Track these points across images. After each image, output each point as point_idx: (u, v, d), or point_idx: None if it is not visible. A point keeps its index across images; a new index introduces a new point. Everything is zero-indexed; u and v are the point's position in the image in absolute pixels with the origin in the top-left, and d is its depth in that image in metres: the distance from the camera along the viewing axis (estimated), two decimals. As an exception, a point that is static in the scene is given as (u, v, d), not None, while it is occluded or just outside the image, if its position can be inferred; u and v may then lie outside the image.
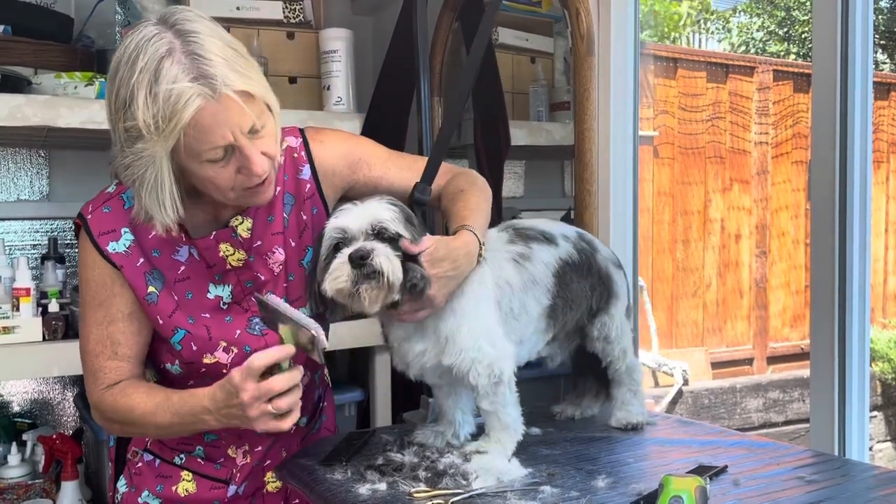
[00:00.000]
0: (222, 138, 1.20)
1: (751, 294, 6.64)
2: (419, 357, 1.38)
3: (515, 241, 1.49)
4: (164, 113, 1.16)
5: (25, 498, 2.26)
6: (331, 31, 2.53)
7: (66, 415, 2.64)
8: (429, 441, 1.48)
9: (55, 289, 2.27)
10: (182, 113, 1.16)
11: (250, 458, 1.50)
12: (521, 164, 2.99)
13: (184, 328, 1.38)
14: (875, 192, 6.60)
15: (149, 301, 1.37)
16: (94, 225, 1.36)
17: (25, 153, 2.57)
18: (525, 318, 1.45)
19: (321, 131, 1.53)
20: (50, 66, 2.26)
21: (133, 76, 1.18)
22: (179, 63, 1.17)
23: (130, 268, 1.36)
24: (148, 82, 1.17)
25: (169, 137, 1.18)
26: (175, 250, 1.38)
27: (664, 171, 6.33)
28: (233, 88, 1.18)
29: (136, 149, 1.20)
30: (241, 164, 1.24)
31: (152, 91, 1.16)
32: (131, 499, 1.50)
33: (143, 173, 1.22)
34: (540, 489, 1.24)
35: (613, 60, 2.11)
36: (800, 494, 1.21)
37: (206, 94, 1.17)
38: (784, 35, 9.33)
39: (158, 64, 1.17)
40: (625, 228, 2.16)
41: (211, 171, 1.24)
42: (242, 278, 1.41)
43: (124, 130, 1.21)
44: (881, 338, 6.06)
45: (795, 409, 5.96)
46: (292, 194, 1.46)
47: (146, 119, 1.17)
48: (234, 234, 1.39)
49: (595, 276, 1.56)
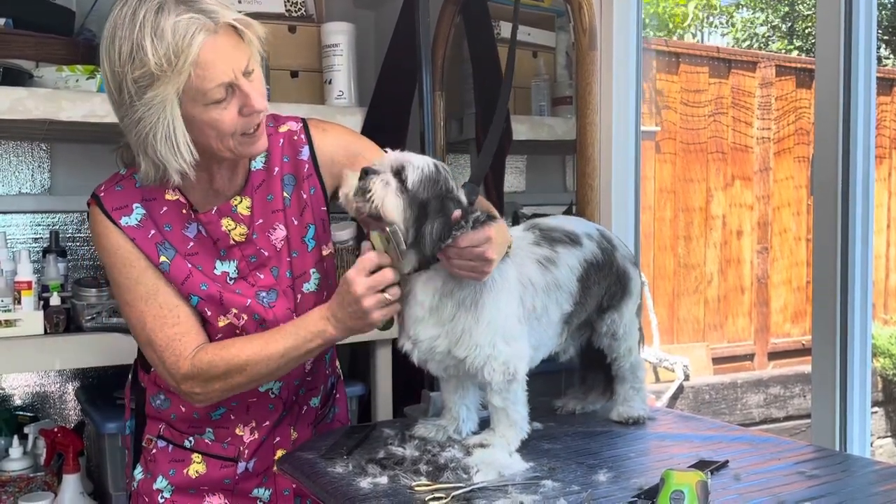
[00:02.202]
0: (224, 74, 1.27)
1: (752, 290, 6.64)
2: (430, 341, 1.37)
3: (541, 244, 1.48)
4: (174, 47, 1.23)
5: (27, 491, 2.27)
6: (332, 25, 2.52)
7: (68, 408, 2.64)
8: (430, 435, 1.48)
9: (57, 282, 2.27)
10: (191, 46, 1.24)
11: (257, 434, 1.53)
12: (523, 158, 2.98)
13: (197, 294, 1.42)
14: (876, 189, 6.57)
15: (162, 270, 1.41)
16: (108, 201, 1.41)
17: (27, 146, 2.56)
18: (546, 320, 1.45)
19: (324, 122, 1.59)
20: (51, 59, 2.26)
21: (135, 29, 1.25)
22: (175, 7, 1.25)
23: (142, 239, 1.41)
24: (151, 28, 1.24)
25: (180, 73, 1.24)
26: (185, 226, 1.43)
27: (666, 168, 6.32)
28: (231, 17, 1.28)
29: (146, 98, 1.25)
30: (242, 104, 1.31)
31: (157, 33, 1.23)
32: (146, 485, 1.54)
33: (155, 122, 1.27)
34: (541, 483, 1.24)
35: (616, 55, 2.11)
36: (801, 489, 1.21)
37: (207, 26, 1.25)
38: (787, 30, 9.30)
39: (157, 13, 1.25)
40: (627, 224, 2.16)
41: (215, 114, 1.29)
42: (246, 253, 1.46)
43: (133, 82, 1.25)
44: (882, 334, 6.05)
45: (796, 405, 5.96)
46: (293, 175, 1.51)
47: (157, 60, 1.23)
48: (234, 209, 1.45)
49: (614, 275, 1.56)
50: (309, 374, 1.58)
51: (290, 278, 1.49)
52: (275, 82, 2.50)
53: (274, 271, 1.48)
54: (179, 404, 1.51)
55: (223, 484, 1.53)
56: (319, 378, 1.62)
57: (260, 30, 1.34)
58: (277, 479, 1.55)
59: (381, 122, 2.50)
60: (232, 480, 1.53)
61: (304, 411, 1.60)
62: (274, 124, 1.52)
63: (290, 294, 1.48)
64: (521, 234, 1.50)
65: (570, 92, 2.54)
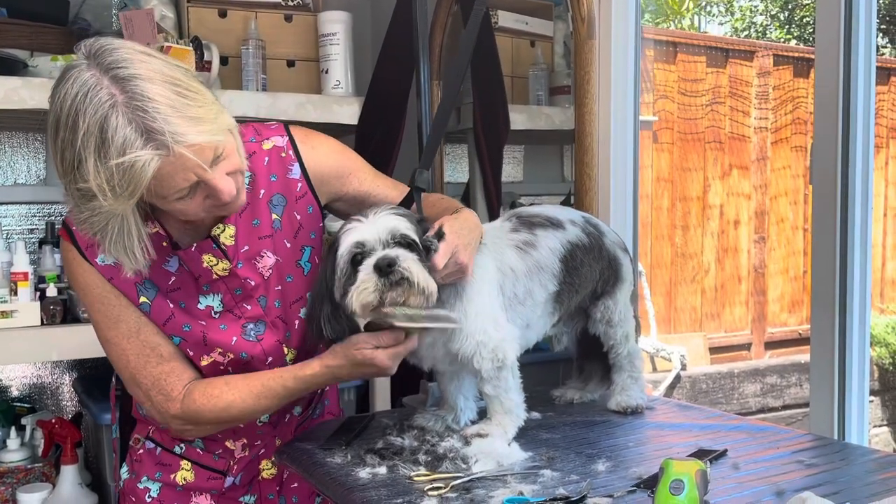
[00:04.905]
0: (185, 181, 1.16)
1: (749, 280, 6.64)
2: (430, 349, 1.39)
3: (519, 230, 1.49)
4: (122, 181, 1.10)
5: (25, 482, 2.27)
6: (329, 14, 2.51)
7: (65, 399, 2.64)
8: (429, 425, 1.48)
9: (53, 273, 2.26)
10: (140, 178, 1.11)
11: (249, 452, 1.51)
12: (521, 148, 2.98)
13: (179, 335, 1.37)
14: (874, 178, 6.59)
15: (142, 311, 1.35)
16: (80, 237, 1.31)
17: (22, 137, 2.55)
18: (531, 302, 1.45)
19: (310, 135, 1.49)
20: (46, 48, 2.25)
21: (77, 139, 1.10)
22: (125, 124, 1.09)
23: (119, 279, 1.32)
24: (95, 147, 1.10)
25: (130, 199, 1.13)
26: (165, 260, 1.35)
27: (663, 157, 6.31)
28: (185, 144, 1.12)
29: (93, 205, 1.14)
30: (207, 194, 1.21)
31: (103, 158, 1.09)
32: (131, 484, 1.51)
33: (104, 226, 1.18)
34: (540, 473, 1.24)
35: (614, 44, 2.10)
36: (799, 478, 1.21)
37: (160, 154, 1.11)
38: (786, 19, 9.27)
39: (102, 125, 1.09)
40: (625, 213, 2.16)
41: (179, 206, 1.21)
42: (231, 286, 1.39)
43: (76, 190, 1.14)
44: (879, 323, 6.06)
45: (793, 394, 5.97)
46: (282, 195, 1.42)
47: (100, 184, 1.10)
48: (215, 244, 1.35)
49: (605, 259, 1.56)
50: None
51: (279, 308, 1.41)
52: (271, 72, 2.49)
53: (262, 301, 1.40)
54: None
55: (210, 491, 1.50)
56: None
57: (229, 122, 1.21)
58: (261, 485, 1.53)
59: (378, 111, 2.49)
60: (219, 492, 1.50)
61: (287, 420, 1.56)
62: (256, 139, 1.42)
63: (279, 325, 1.41)
64: (500, 224, 1.51)
65: (569, 81, 2.53)
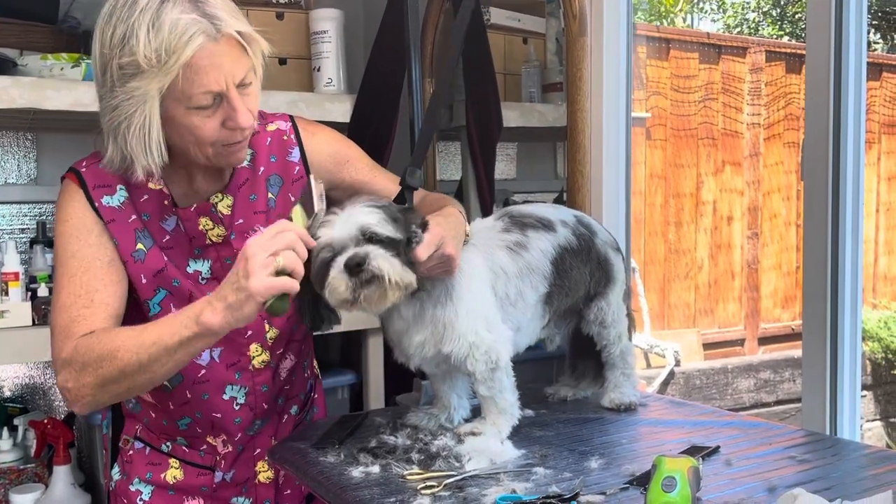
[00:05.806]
0: (215, 83, 1.21)
1: (742, 275, 6.66)
2: (420, 348, 1.38)
3: (511, 230, 1.48)
4: (168, 45, 1.17)
5: (17, 483, 2.26)
6: (321, 12, 2.50)
7: (58, 399, 2.63)
8: (422, 423, 1.48)
9: (44, 273, 2.25)
10: (185, 48, 1.18)
11: (231, 447, 1.49)
12: (514, 145, 2.97)
13: (167, 289, 1.37)
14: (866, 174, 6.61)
15: (136, 258, 1.35)
16: (90, 177, 1.35)
17: (12, 136, 2.54)
18: (522, 304, 1.45)
19: (312, 124, 1.54)
20: (36, 47, 2.24)
21: (133, 14, 1.19)
22: (182, 3, 1.20)
23: (122, 223, 1.35)
24: (150, 18, 1.18)
25: (168, 73, 1.18)
26: (164, 218, 1.38)
27: (656, 153, 6.32)
28: (234, 29, 1.21)
29: (128, 87, 1.20)
30: (226, 116, 1.25)
31: (155, 25, 1.18)
32: (123, 486, 1.50)
33: (131, 113, 1.22)
34: (533, 470, 1.24)
35: (606, 41, 2.10)
36: (792, 474, 1.21)
37: (209, 31, 1.19)
38: (778, 15, 9.29)
39: (161, 3, 1.19)
40: (618, 210, 2.16)
41: (196, 120, 1.24)
42: (222, 254, 1.41)
43: (118, 68, 1.20)
44: (871, 318, 6.09)
45: (786, 390, 5.99)
46: (280, 175, 1.46)
47: (147, 53, 1.17)
48: (213, 209, 1.39)
49: (594, 261, 1.55)
50: (287, 383, 1.53)
51: None
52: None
53: None
54: (149, 410, 1.48)
55: (201, 490, 1.49)
56: (298, 386, 1.58)
57: (265, 45, 1.28)
58: (258, 489, 1.52)
59: (370, 109, 2.48)
60: (209, 488, 1.49)
61: (285, 420, 1.55)
62: (261, 122, 1.47)
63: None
64: (492, 222, 1.50)
65: (561, 78, 2.53)
